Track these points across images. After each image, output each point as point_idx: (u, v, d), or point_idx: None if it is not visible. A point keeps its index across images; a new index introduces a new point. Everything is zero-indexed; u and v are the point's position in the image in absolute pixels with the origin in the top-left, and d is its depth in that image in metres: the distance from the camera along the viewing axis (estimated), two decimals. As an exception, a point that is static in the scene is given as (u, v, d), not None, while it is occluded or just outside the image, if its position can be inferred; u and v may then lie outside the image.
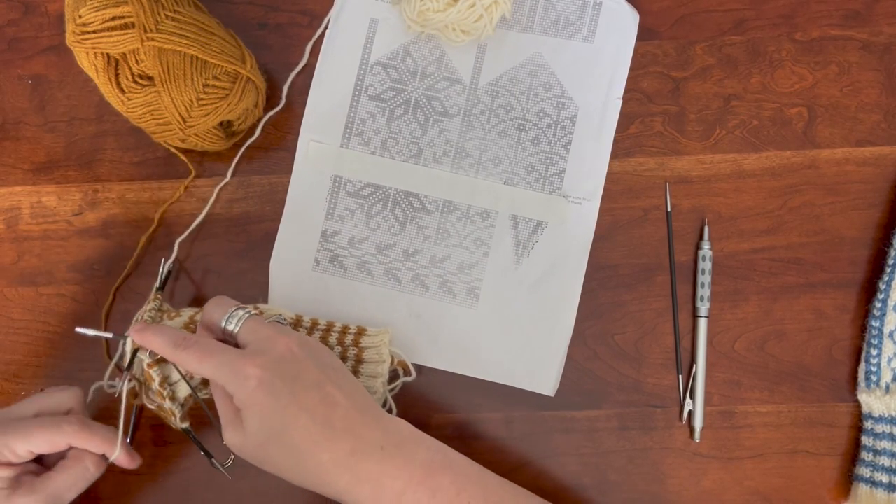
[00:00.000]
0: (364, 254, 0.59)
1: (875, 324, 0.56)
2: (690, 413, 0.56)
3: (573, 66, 0.60)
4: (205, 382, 0.52)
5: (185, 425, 0.51)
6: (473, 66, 0.61)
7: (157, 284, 0.57)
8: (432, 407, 0.58)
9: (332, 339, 0.56)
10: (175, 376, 0.51)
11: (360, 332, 0.56)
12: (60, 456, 0.50)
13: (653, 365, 0.57)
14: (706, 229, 0.58)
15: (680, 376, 0.57)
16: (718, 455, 0.56)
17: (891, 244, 0.56)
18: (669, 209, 0.59)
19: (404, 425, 0.48)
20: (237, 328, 0.48)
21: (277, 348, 0.46)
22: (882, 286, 0.55)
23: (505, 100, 0.60)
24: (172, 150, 0.59)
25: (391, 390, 0.57)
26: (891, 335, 0.55)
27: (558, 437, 0.57)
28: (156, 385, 0.50)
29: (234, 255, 0.60)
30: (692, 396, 0.56)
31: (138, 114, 0.54)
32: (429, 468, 0.46)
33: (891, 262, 0.56)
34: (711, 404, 0.57)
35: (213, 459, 0.52)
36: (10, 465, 0.48)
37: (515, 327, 0.58)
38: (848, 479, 0.56)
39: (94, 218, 0.61)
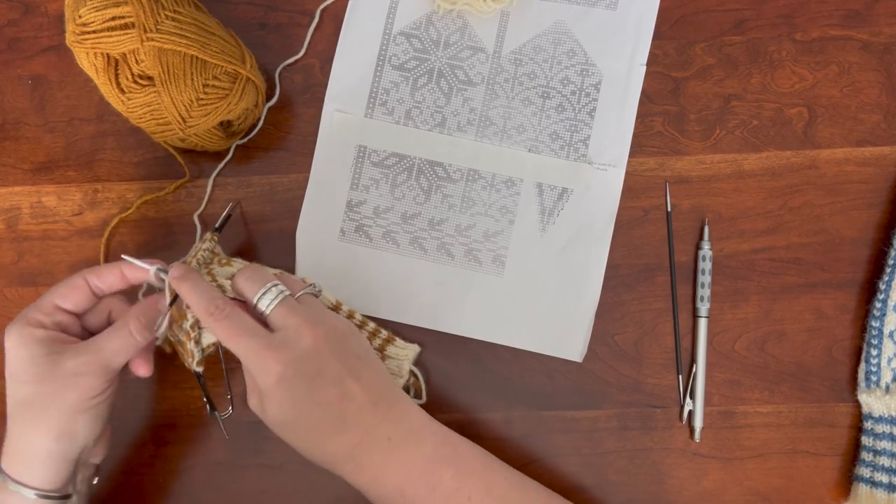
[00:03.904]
0: (389, 223, 0.59)
1: (875, 324, 0.55)
2: (690, 413, 0.56)
3: (597, 33, 0.60)
4: None
5: (199, 370, 0.51)
6: (496, 34, 0.61)
7: (216, 224, 0.56)
8: (433, 406, 0.57)
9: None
10: None
11: (389, 339, 0.56)
12: (107, 325, 0.52)
13: (653, 365, 0.57)
14: (706, 229, 0.58)
15: (680, 376, 0.57)
16: (718, 455, 0.56)
17: (891, 244, 0.56)
18: (669, 209, 0.59)
19: (416, 416, 0.49)
20: (268, 310, 0.48)
21: (303, 343, 0.46)
22: (882, 286, 0.55)
23: (528, 68, 0.60)
24: (171, 150, 0.59)
25: None
26: (891, 335, 0.55)
27: (558, 437, 0.57)
28: (187, 325, 0.50)
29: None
30: (692, 396, 0.56)
31: (138, 114, 0.54)
32: (432, 462, 0.47)
33: (891, 262, 0.56)
34: (711, 404, 0.57)
35: (214, 411, 0.53)
36: (41, 325, 0.49)
37: (542, 294, 0.58)
38: (848, 479, 0.56)
39: (94, 218, 0.61)
